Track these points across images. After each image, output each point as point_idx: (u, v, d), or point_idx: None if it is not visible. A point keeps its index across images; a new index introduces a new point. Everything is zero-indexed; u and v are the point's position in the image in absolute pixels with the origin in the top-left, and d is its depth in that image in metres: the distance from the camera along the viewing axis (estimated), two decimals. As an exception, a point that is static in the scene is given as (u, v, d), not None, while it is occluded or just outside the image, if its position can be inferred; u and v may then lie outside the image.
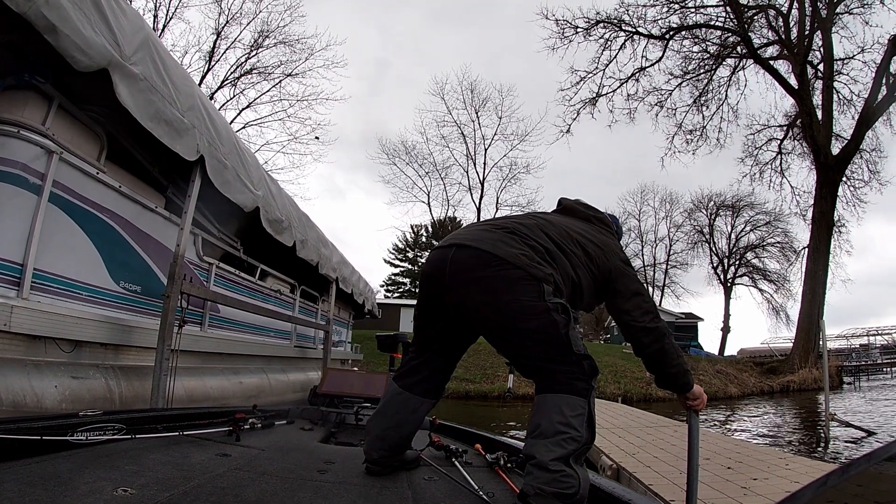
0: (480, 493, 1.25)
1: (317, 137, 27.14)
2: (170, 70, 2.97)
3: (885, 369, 27.28)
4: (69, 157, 2.63)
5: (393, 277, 54.60)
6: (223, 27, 24.12)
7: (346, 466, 1.46)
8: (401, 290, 54.30)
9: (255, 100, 25.51)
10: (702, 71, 24.48)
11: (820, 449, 7.99)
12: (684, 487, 4.09)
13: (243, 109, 24.84)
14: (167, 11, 22.19)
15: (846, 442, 8.34)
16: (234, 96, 24.87)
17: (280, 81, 25.65)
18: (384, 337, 3.66)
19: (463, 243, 1.54)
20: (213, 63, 24.03)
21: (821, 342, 11.09)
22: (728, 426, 10.96)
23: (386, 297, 43.04)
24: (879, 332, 30.35)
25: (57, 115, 2.68)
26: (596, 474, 1.33)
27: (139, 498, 0.98)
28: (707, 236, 40.65)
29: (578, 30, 23.85)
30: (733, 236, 39.89)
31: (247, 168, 4.04)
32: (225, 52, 24.53)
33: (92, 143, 2.97)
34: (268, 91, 25.66)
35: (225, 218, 4.73)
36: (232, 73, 24.80)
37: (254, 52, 24.96)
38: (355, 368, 8.12)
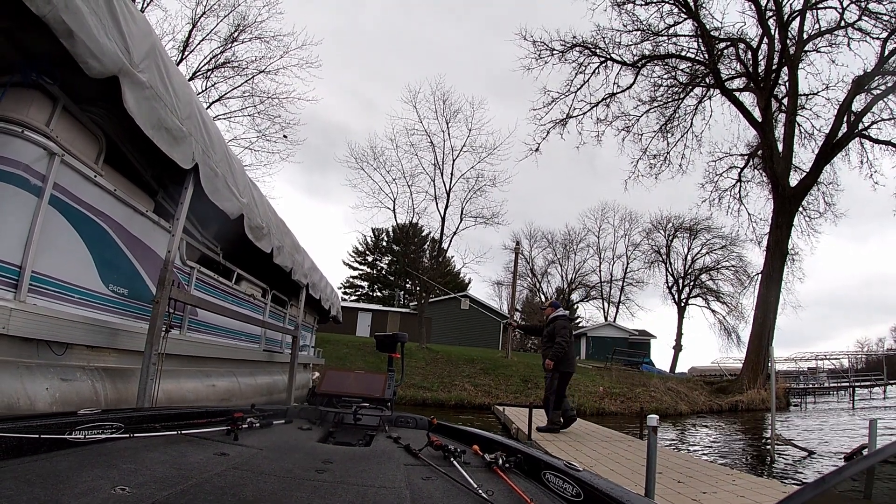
0: (479, 491, 1.24)
1: (285, 136, 26.68)
2: (172, 77, 2.99)
3: (831, 393, 28.27)
4: (69, 160, 2.62)
5: (351, 280, 54.02)
6: (200, 17, 23.55)
7: (344, 466, 1.45)
8: (358, 293, 53.70)
9: (225, 94, 24.97)
10: (670, 99, 24.93)
11: (765, 466, 8.47)
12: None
13: (213, 103, 24.22)
14: (145, -2, 21.52)
15: (789, 461, 8.81)
16: (206, 89, 24.24)
17: (253, 77, 25.20)
18: (383, 337, 3.63)
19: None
20: (186, 53, 23.40)
21: (770, 365, 11.73)
22: (678, 442, 11.41)
23: (343, 299, 42.35)
24: (827, 356, 31.75)
25: (60, 116, 2.67)
26: (594, 475, 1.35)
27: (137, 496, 0.99)
28: (664, 256, 42.21)
29: (554, 52, 24.10)
30: (689, 258, 41.59)
31: (234, 175, 4.05)
32: (199, 43, 23.96)
33: (91, 146, 2.96)
34: (240, 86, 25.16)
35: (207, 222, 4.72)
36: (205, 64, 24.24)
37: (229, 46, 24.45)
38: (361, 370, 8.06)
